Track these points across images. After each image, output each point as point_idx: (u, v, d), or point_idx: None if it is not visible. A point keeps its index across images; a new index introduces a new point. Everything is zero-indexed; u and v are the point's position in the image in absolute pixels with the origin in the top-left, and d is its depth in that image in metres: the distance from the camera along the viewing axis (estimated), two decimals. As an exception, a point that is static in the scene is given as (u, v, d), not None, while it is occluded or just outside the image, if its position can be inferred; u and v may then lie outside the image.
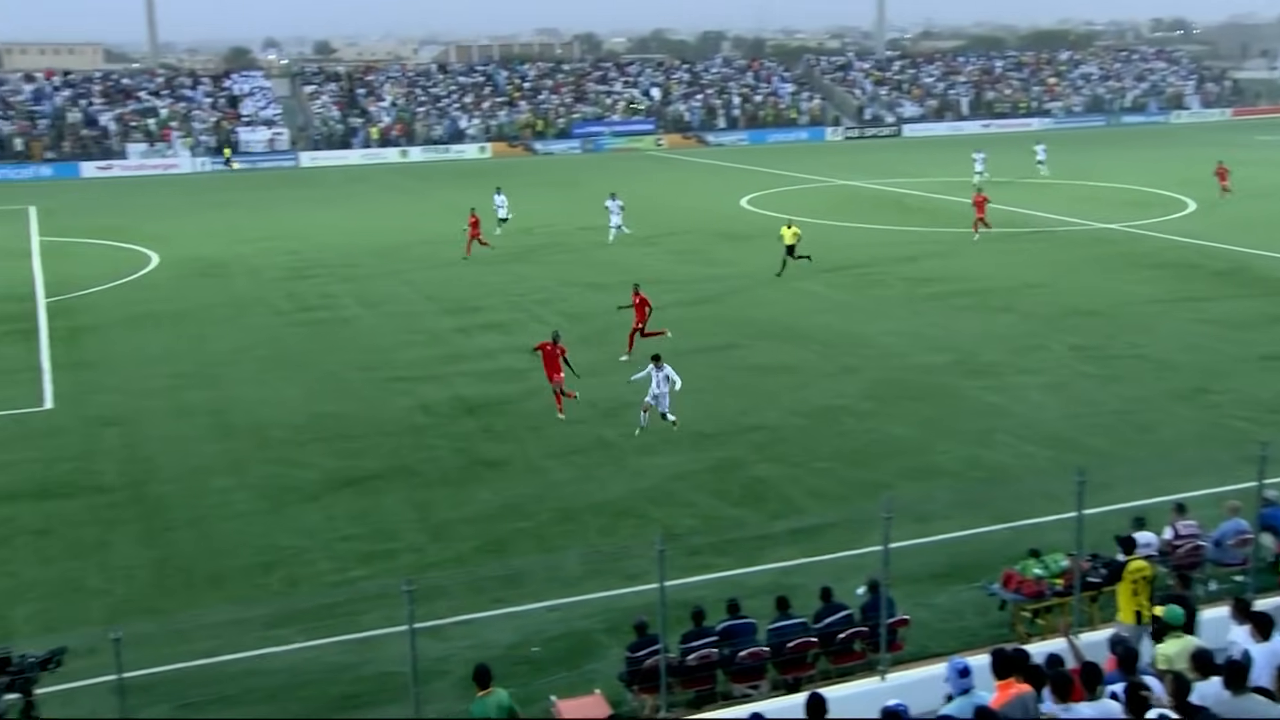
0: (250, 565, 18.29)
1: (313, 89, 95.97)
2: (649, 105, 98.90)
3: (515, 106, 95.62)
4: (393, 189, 69.21)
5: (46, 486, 21.75)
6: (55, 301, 38.10)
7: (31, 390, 28.09)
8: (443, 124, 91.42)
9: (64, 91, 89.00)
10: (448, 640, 15.50)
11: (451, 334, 32.91)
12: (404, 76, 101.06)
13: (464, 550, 18.64)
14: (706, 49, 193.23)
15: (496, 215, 50.38)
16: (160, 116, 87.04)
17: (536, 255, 45.19)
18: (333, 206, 61.31)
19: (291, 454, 23.28)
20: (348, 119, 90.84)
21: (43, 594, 17.42)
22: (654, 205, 57.16)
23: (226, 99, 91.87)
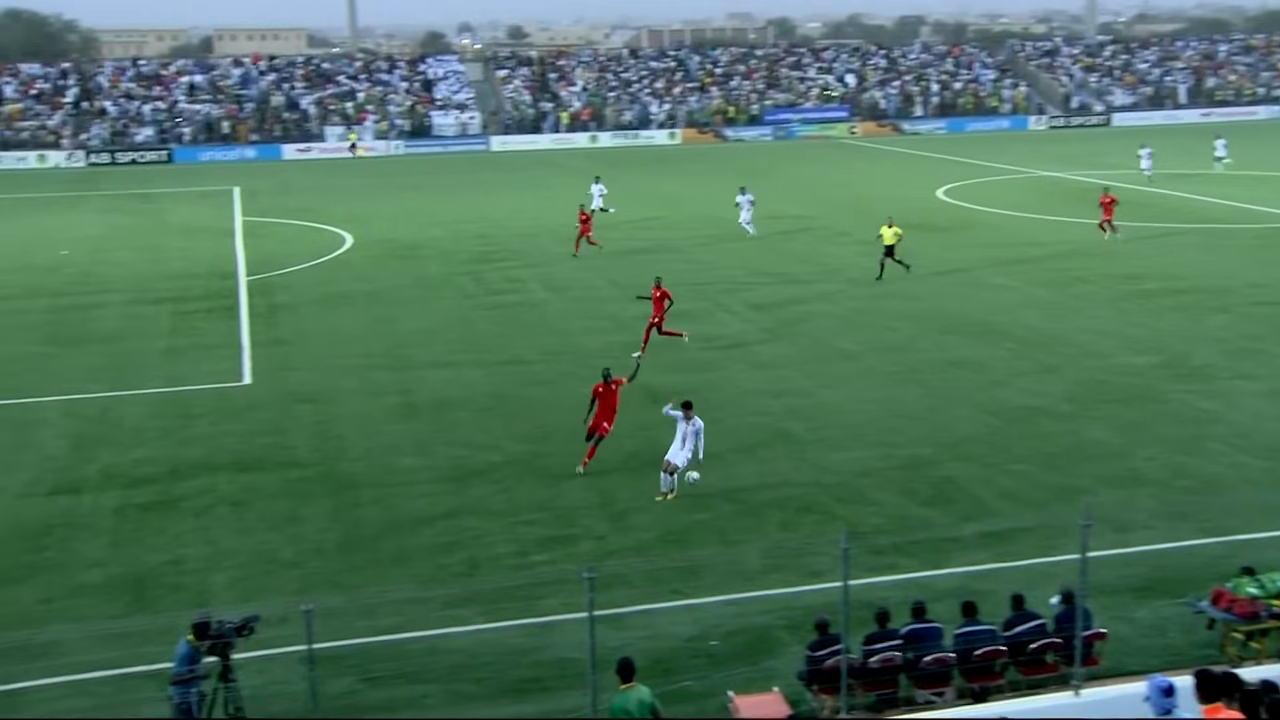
0: (433, 545, 18.86)
1: (505, 73, 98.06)
2: (843, 92, 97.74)
3: (706, 92, 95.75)
4: (581, 174, 70.15)
5: (244, 459, 22.86)
6: (255, 280, 39.98)
7: (233, 365, 29.56)
8: (633, 109, 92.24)
9: (269, 76, 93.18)
10: (625, 629, 15.68)
11: (636, 321, 33.16)
12: (595, 61, 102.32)
13: (644, 540, 18.82)
14: (905, 34, 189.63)
15: (592, 207, 47.83)
16: (357, 100, 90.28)
17: (722, 244, 45.20)
18: (522, 191, 62.57)
19: (476, 437, 23.89)
20: (538, 103, 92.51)
21: (239, 563, 18.33)
22: (846, 195, 56.49)
23: (421, 83, 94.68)
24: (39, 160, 79.78)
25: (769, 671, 14.49)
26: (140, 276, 41.04)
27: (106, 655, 14.92)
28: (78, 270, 42.45)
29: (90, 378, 28.53)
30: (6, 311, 35.71)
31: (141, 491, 21.24)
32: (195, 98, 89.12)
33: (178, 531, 19.49)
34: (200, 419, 25.36)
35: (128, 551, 18.73)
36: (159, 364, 29.85)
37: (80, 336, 32.71)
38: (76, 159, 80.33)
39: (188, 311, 35.55)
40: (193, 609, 15.34)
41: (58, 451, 23.43)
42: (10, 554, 18.69)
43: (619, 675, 12.04)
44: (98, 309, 36.04)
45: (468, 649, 15.44)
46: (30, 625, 16.11)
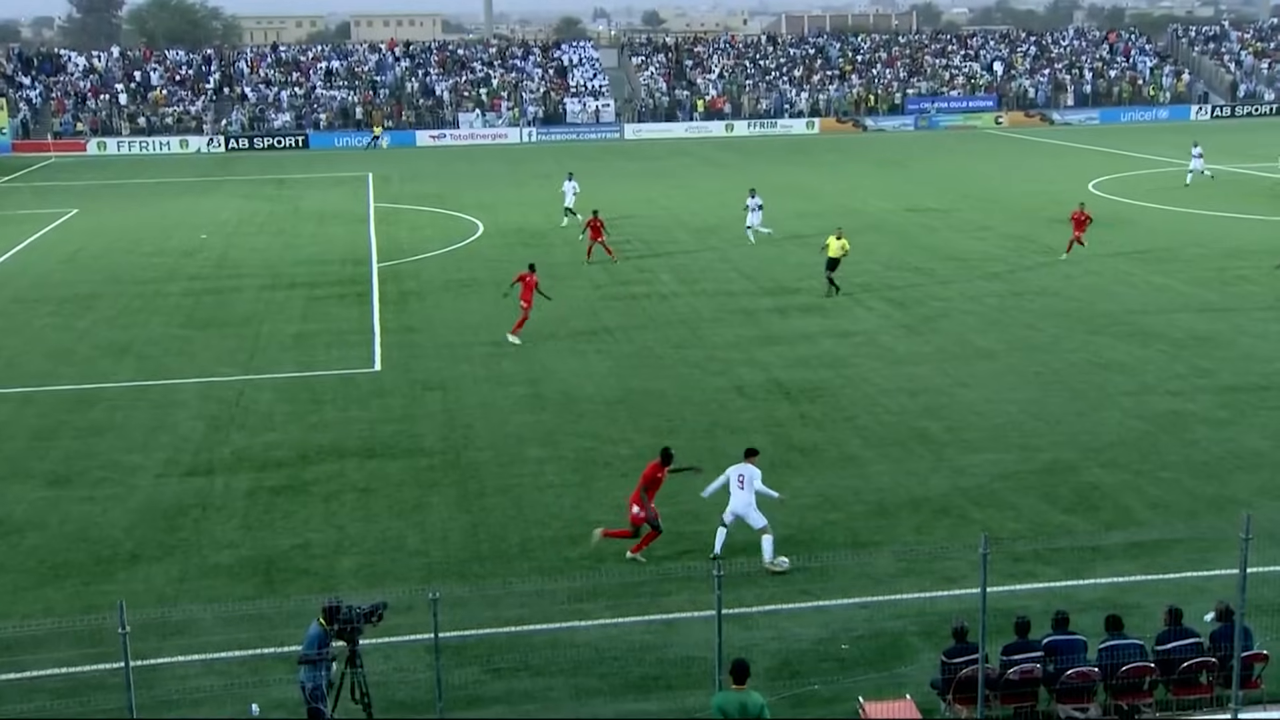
0: (559, 537, 19.05)
1: (640, 60, 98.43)
2: (990, 80, 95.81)
3: (846, 80, 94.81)
4: (715, 164, 70.13)
5: (372, 446, 23.39)
6: (387, 266, 40.86)
7: (364, 351, 30.27)
8: (770, 97, 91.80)
9: (404, 62, 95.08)
10: (752, 629, 15.65)
11: (768, 315, 33.08)
12: (732, 48, 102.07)
13: (775, 538, 18.70)
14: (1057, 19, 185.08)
15: (563, 204, 48.26)
16: (492, 86, 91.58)
17: (859, 237, 44.68)
18: (654, 180, 62.75)
19: (603, 428, 24.06)
20: (674, 91, 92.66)
21: (366, 549, 18.77)
22: (990, 187, 55.43)
23: (555, 69, 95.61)
24: (181, 145, 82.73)
25: (900, 678, 14.31)
26: (274, 261, 42.28)
27: (237, 636, 15.43)
28: (215, 254, 43.91)
29: (225, 361, 29.50)
30: (148, 294, 37.12)
31: (272, 475, 21.89)
32: (331, 83, 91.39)
33: (306, 516, 20.04)
34: (329, 404, 26.03)
35: (258, 534, 19.33)
36: (291, 349, 30.72)
37: (216, 320, 33.84)
38: (216, 144, 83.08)
39: (320, 297, 36.50)
40: (320, 594, 15.80)
41: (193, 433, 24.28)
42: (147, 533, 19.44)
43: (732, 675, 11.99)
44: (233, 293, 37.23)
45: (592, 643, 15.57)
46: (165, 603, 16.76)
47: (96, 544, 19.05)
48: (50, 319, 34.18)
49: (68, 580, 17.82)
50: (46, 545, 19.05)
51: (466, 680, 14.60)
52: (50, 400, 26.66)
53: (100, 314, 34.64)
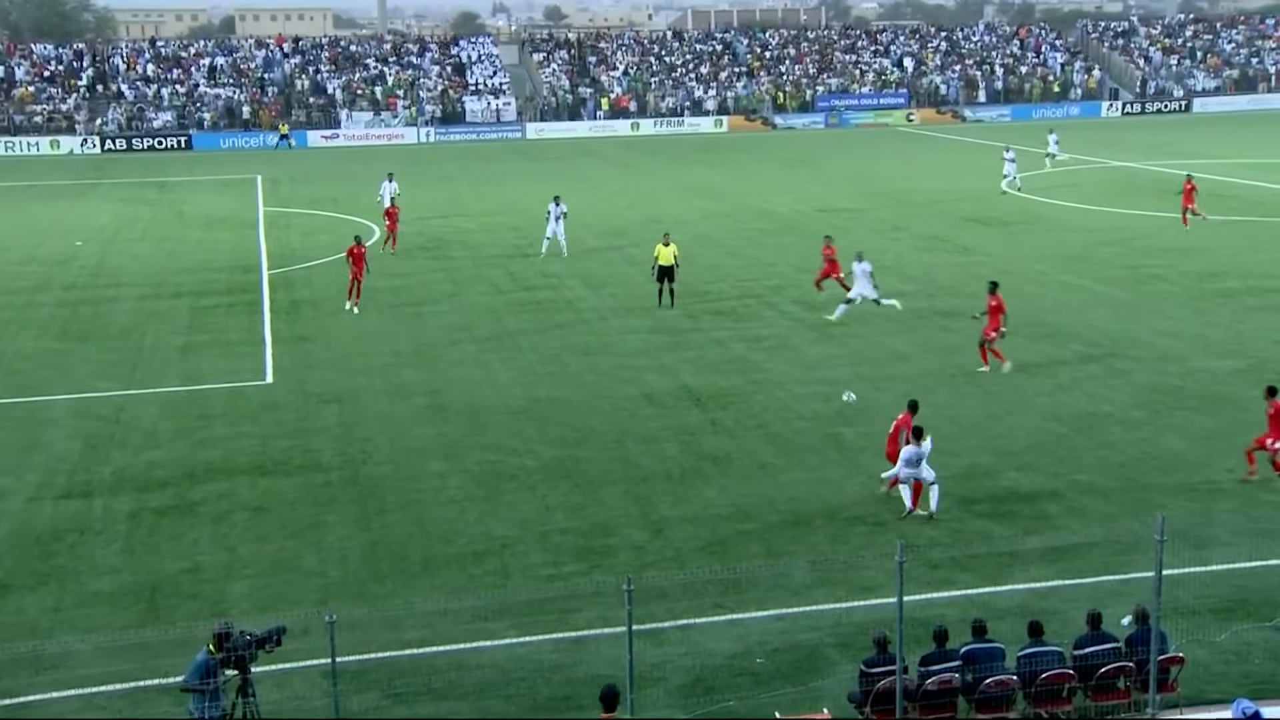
0: (463, 554, 18.93)
1: (542, 56, 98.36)
2: (901, 77, 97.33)
3: (755, 77, 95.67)
4: (621, 164, 70.32)
5: (264, 463, 23.04)
6: (278, 273, 40.32)
7: (254, 363, 29.82)
8: (677, 95, 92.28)
9: (293, 58, 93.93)
10: (664, 645, 15.69)
11: (676, 319, 33.22)
12: (637, 44, 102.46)
13: (685, 551, 18.82)
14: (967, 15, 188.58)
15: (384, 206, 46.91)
16: (387, 84, 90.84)
17: (770, 239, 45.13)
18: (558, 181, 62.61)
19: (508, 440, 23.97)
20: (577, 89, 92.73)
21: (259, 571, 18.47)
22: (903, 186, 56.28)
23: (453, 66, 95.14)
24: (52, 146, 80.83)
25: (817, 692, 14.45)
26: (157, 269, 41.49)
27: (119, 668, 15.08)
28: (91, 262, 42.96)
29: (103, 375, 28.86)
30: (17, 305, 36.20)
31: (156, 496, 21.45)
32: (216, 81, 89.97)
33: (194, 538, 19.67)
34: (218, 419, 25.60)
35: (141, 559, 18.93)
36: (175, 361, 30.16)
37: (93, 332, 33.10)
38: (91, 145, 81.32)
39: (206, 307, 35.89)
40: (209, 619, 15.49)
41: (69, 453, 23.71)
42: (18, 560, 18.92)
43: (602, 703, 12.07)
44: (112, 303, 36.45)
45: (498, 664, 15.49)
46: (39, 635, 16.31)
47: (-36, 573, 18.49)
48: (-88, 333, 33.18)
49: (-66, 613, 17.28)
50: (-90, 575, 18.45)
51: (366, 706, 14.46)
52: (-88, 420, 25.86)
53: (-34, 327, 33.70)
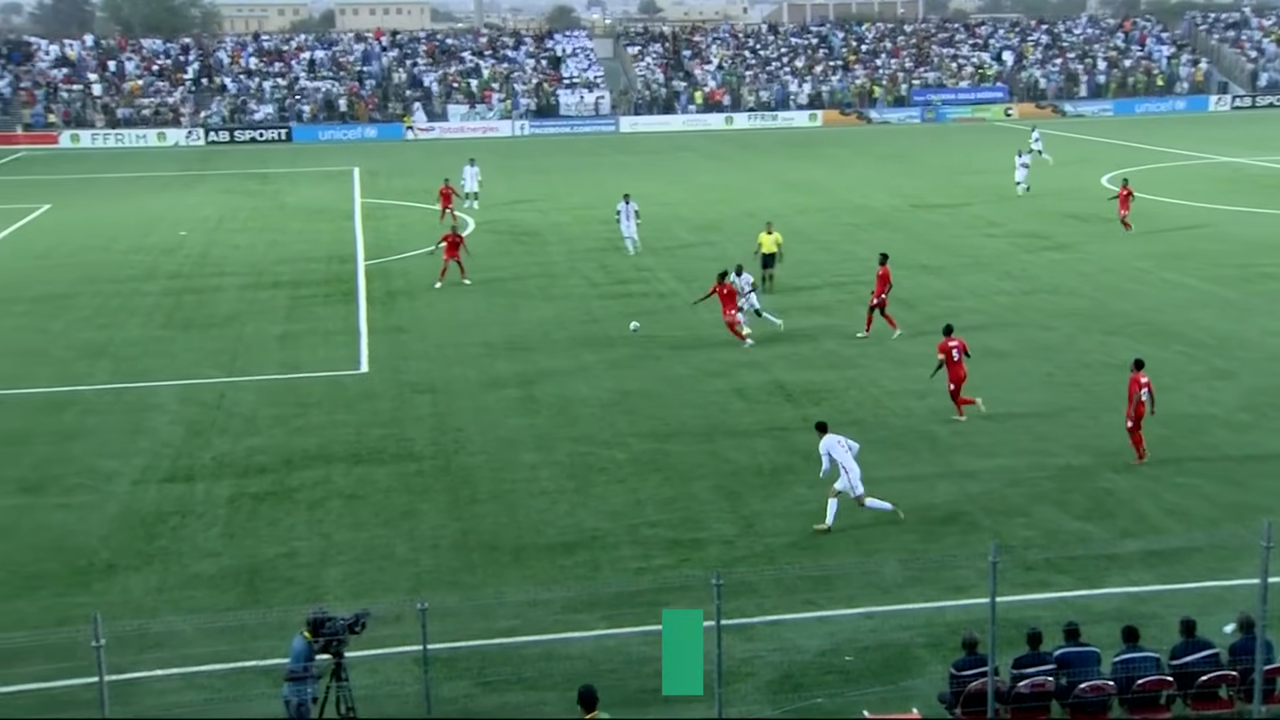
0: (553, 545, 19.07)
1: (636, 50, 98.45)
2: (999, 71, 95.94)
3: (850, 71, 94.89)
4: (714, 158, 70.19)
5: (359, 451, 23.40)
6: (374, 264, 40.87)
7: (350, 352, 30.28)
8: (771, 89, 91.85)
9: (391, 52, 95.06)
10: (753, 640, 15.68)
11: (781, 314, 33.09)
12: (732, 38, 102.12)
13: (775, 546, 18.77)
14: (1070, 7, 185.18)
15: (464, 189, 51.28)
16: (482, 77, 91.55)
17: (864, 234, 44.78)
18: (651, 175, 62.78)
19: (599, 432, 24.08)
20: (671, 82, 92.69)
21: (353, 558, 18.78)
22: (1000, 182, 55.45)
23: (548, 60, 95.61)
24: (159, 138, 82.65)
25: (907, 691, 14.35)
26: (257, 259, 42.26)
27: (219, 648, 15.44)
28: (195, 252, 43.90)
29: (206, 362, 29.50)
30: (125, 293, 37.10)
31: (255, 481, 21.90)
32: (316, 74, 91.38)
33: (291, 523, 20.05)
34: (315, 407, 26.04)
35: (241, 543, 19.34)
36: (274, 350, 30.72)
37: (196, 320, 33.83)
38: (195, 137, 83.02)
39: (305, 296, 36.49)
40: (305, 604, 15.83)
41: (172, 438, 24.28)
42: (124, 541, 19.45)
43: (580, 704, 12.15)
44: (214, 292, 37.22)
45: (587, 655, 15.59)
46: (143, 615, 16.76)
47: (71, 553, 19.04)
48: (22, 319, 34.16)
49: (41, 591, 17.81)
50: (19, 555, 19.04)
51: (456, 694, 14.63)
52: (22, 404, 26.65)
53: (75, 314, 34.62)
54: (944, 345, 24.21)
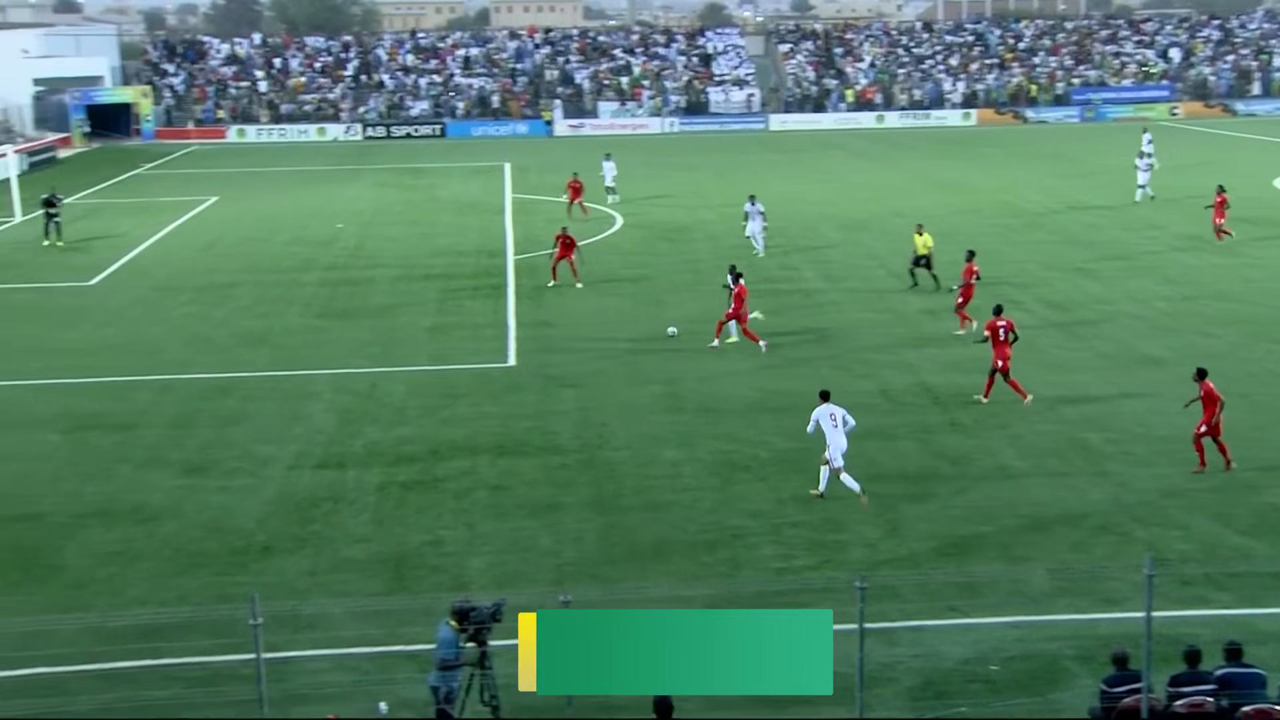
0: (695, 542, 19.10)
1: (788, 48, 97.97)
2: (1165, 69, 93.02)
3: (1006, 69, 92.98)
4: (865, 156, 69.47)
5: (505, 443, 23.74)
6: (523, 259, 41.39)
7: (497, 345, 30.74)
8: (924, 87, 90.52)
9: (543, 49, 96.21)
10: (895, 645, 15.49)
11: (918, 315, 32.66)
12: (885, 35, 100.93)
13: (919, 551, 18.52)
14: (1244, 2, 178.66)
15: (604, 183, 52.17)
16: (633, 75, 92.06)
17: (1017, 236, 43.84)
18: (800, 173, 62.41)
19: (742, 431, 24.03)
20: (822, 80, 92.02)
21: (497, 548, 19.07)
22: (1163, 183, 53.79)
23: (699, 57, 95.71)
24: (319, 133, 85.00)
25: (1055, 705, 14.02)
26: (410, 252, 43.15)
27: (368, 632, 15.82)
28: (351, 244, 45.01)
29: (358, 353, 30.23)
30: (284, 283, 38.24)
31: (404, 470, 22.37)
32: (470, 71, 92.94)
33: (438, 512, 20.44)
34: (463, 399, 26.49)
35: (389, 530, 19.79)
36: (425, 342, 31.34)
37: (351, 311, 34.70)
38: (353, 132, 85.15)
39: (455, 289, 37.14)
40: (450, 592, 16.13)
41: (326, 425, 24.95)
42: (279, 525, 20.06)
43: (655, 713, 11.99)
44: (368, 284, 38.12)
45: (727, 654, 15.54)
46: (296, 596, 17.28)
47: (230, 534, 19.72)
48: (189, 307, 35.45)
49: (202, 570, 18.48)
50: (182, 534, 19.79)
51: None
52: (188, 388, 27.67)
53: (238, 303, 35.81)
54: (992, 324, 24.92)
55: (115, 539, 19.62)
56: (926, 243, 35.04)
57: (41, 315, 34.79)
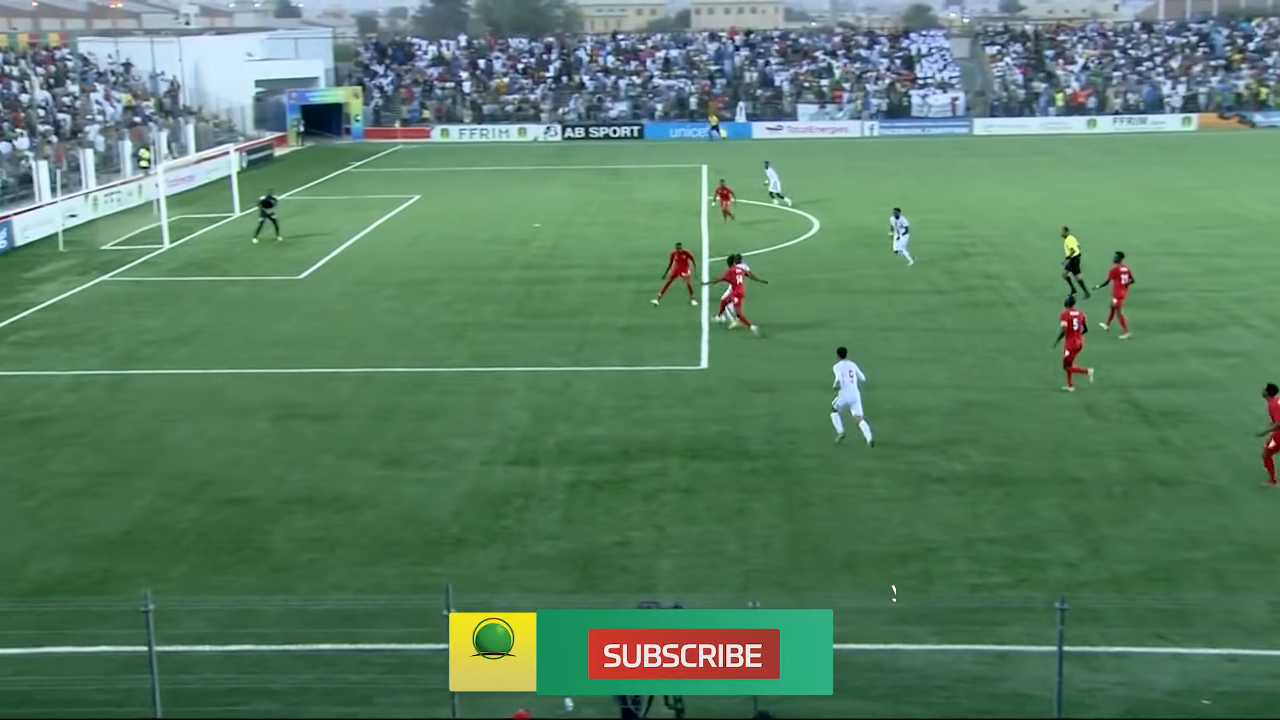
0: (885, 554, 18.84)
1: (995, 50, 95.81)
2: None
3: (1233, 70, 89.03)
4: (1075, 163, 67.44)
5: (696, 446, 23.82)
6: (717, 262, 41.36)
7: (690, 348, 30.85)
8: (1140, 90, 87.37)
9: (743, 51, 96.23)
10: (1098, 671, 15.00)
11: (1131, 330, 31.54)
12: (1100, 36, 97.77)
13: (1124, 574, 17.87)
14: None
15: (768, 189, 52.89)
16: (834, 77, 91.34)
17: (1239, 247, 41.97)
18: (1005, 179, 60.96)
19: (938, 442, 23.60)
20: (1030, 83, 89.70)
21: (685, 551, 19.15)
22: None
23: (902, 59, 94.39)
24: (519, 133, 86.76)
25: (1273, 745, 13.38)
26: (605, 253, 43.68)
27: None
28: (548, 244, 45.80)
29: (553, 351, 30.74)
30: (482, 281, 39.15)
31: (594, 469, 22.66)
32: (669, 73, 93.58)
33: (627, 513, 20.64)
34: (655, 401, 26.68)
35: (578, 528, 20.07)
36: (618, 342, 31.67)
37: (546, 310, 35.30)
38: (553, 133, 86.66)
39: (649, 291, 37.31)
40: (637, 593, 16.31)
41: (519, 422, 25.45)
42: (472, 519, 20.55)
43: None
44: (563, 283, 38.72)
45: (917, 669, 15.33)
46: (487, 590, 17.66)
47: (425, 525, 20.29)
48: (391, 302, 36.60)
49: (398, 559, 19.07)
50: (380, 523, 20.45)
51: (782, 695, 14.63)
52: (388, 381, 28.57)
53: (437, 299, 36.80)
54: (1066, 315, 26.39)
55: (317, 525, 20.41)
56: (1073, 245, 34.43)
57: (254, 307, 36.43)
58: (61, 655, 16.07)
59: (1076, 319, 26.19)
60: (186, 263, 43.37)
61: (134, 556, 19.36)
